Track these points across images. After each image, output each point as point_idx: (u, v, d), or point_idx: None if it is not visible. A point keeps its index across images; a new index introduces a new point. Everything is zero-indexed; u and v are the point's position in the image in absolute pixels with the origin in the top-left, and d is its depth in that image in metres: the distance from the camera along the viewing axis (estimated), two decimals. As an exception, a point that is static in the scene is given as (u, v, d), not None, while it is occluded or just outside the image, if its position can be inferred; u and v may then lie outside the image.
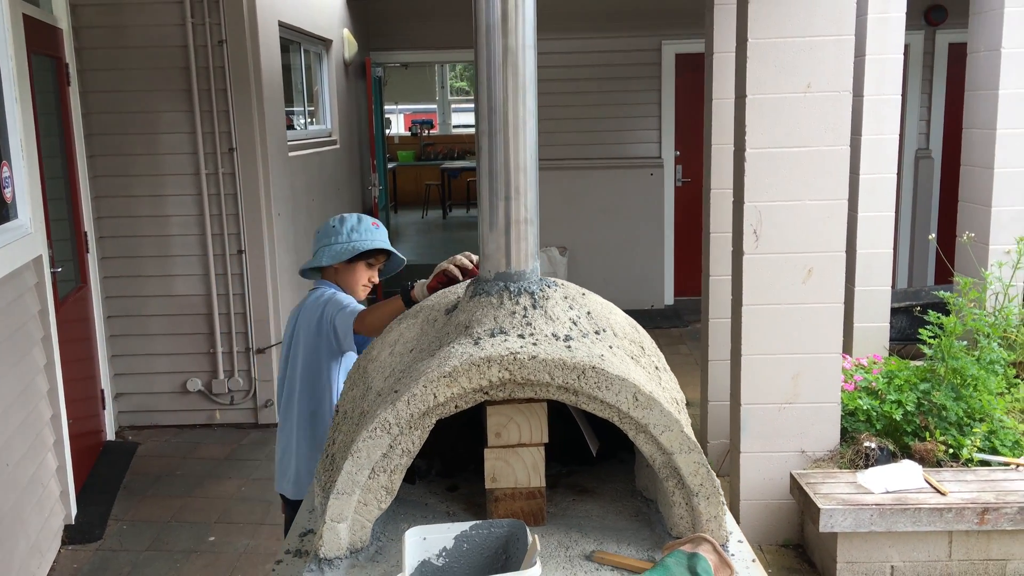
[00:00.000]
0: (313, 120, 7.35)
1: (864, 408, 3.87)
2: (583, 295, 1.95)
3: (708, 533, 1.67)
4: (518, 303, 1.76)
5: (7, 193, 3.80)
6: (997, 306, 4.34)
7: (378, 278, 2.89)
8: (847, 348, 4.71)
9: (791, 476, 3.76)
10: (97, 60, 5.18)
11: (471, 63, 2.91)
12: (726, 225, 4.27)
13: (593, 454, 1.97)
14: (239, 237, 5.39)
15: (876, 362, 4.25)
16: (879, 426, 3.85)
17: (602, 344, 1.77)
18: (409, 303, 2.34)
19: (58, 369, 4.16)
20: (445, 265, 2.33)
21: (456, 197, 15.06)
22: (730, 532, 1.74)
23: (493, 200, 1.81)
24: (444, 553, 1.63)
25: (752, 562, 1.71)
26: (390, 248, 2.84)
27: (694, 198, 8.04)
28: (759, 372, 3.76)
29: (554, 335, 1.71)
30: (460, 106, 19.26)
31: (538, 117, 1.83)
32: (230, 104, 5.24)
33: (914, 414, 3.81)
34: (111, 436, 5.39)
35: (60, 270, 4.49)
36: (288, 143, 5.96)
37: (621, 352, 1.80)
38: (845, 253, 3.71)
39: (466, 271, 2.30)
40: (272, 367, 5.54)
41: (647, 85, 8.08)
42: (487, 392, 1.63)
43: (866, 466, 3.66)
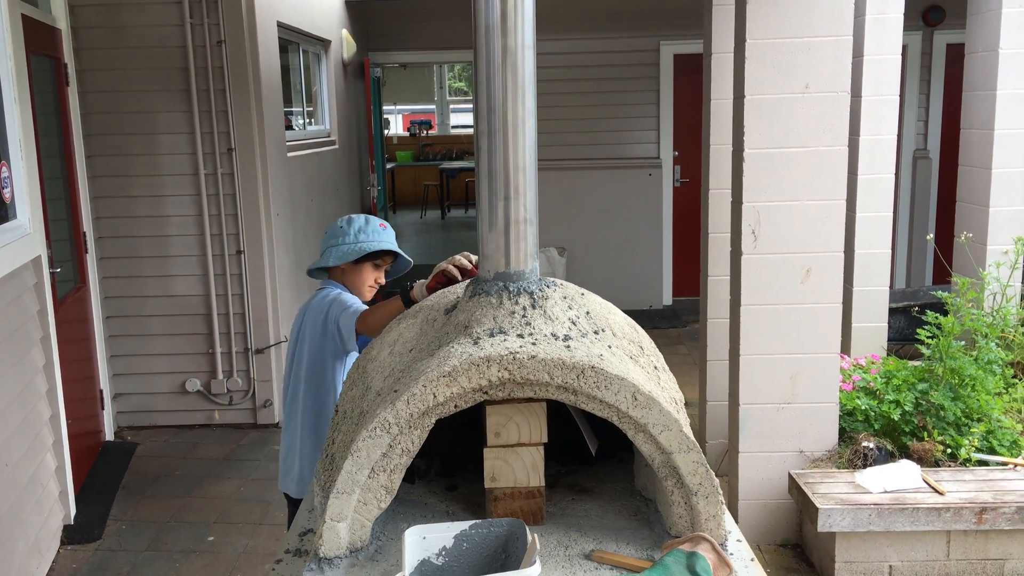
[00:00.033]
0: (312, 120, 7.35)
1: (862, 408, 3.87)
2: (582, 295, 1.96)
3: (707, 532, 1.67)
4: (517, 303, 1.77)
5: (6, 193, 3.80)
6: (995, 306, 4.35)
7: (385, 279, 2.90)
8: (845, 348, 4.71)
9: (789, 476, 3.76)
10: (96, 60, 5.18)
11: (470, 63, 2.92)
12: (724, 225, 4.28)
13: (592, 454, 1.97)
14: (238, 237, 5.39)
15: (874, 362, 4.26)
16: (877, 426, 3.86)
17: (601, 344, 1.77)
18: (408, 303, 2.35)
19: (57, 369, 4.16)
20: (444, 265, 2.34)
21: (454, 197, 15.07)
22: (729, 531, 1.75)
23: (492, 200, 1.81)
24: (444, 552, 1.63)
25: (751, 561, 1.71)
26: (397, 250, 2.85)
27: (693, 198, 8.05)
28: (757, 372, 3.77)
29: (553, 335, 1.72)
30: (458, 107, 19.27)
31: (537, 117, 1.83)
32: (229, 104, 5.24)
33: (912, 414, 3.82)
34: (110, 436, 5.39)
35: (59, 270, 4.49)
36: (287, 143, 5.96)
37: (620, 352, 1.81)
38: (843, 253, 3.72)
39: (465, 271, 2.31)
40: (271, 367, 5.55)
41: (646, 86, 8.09)
42: (486, 392, 1.64)
43: (864, 466, 3.67)
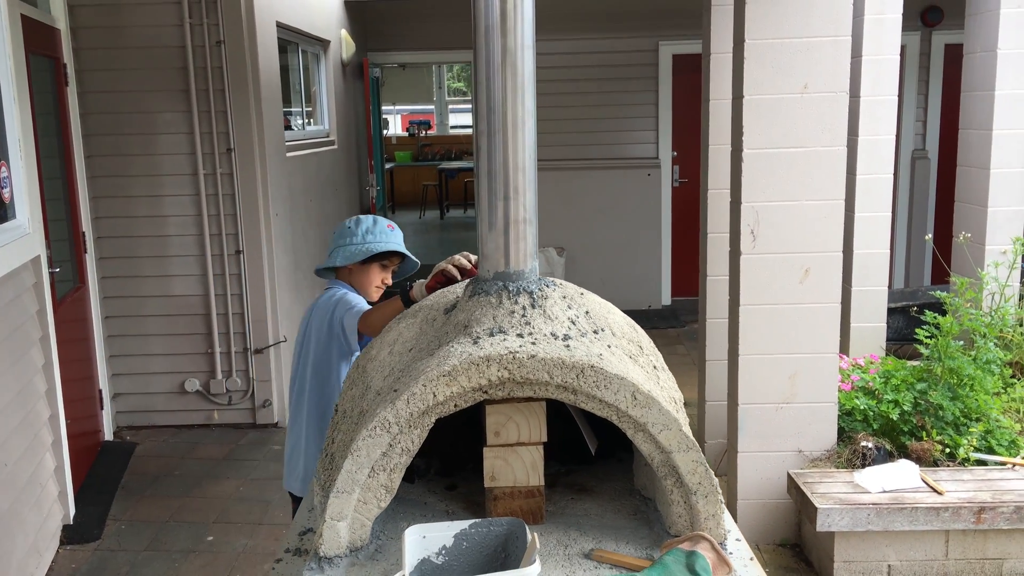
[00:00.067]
0: (311, 121, 7.35)
1: (861, 408, 3.88)
2: (581, 295, 1.96)
3: (706, 531, 1.67)
4: (517, 302, 1.77)
5: (5, 193, 3.80)
6: (993, 306, 4.36)
7: (392, 280, 2.90)
8: (844, 348, 4.71)
9: (788, 476, 3.76)
10: (95, 60, 5.18)
11: (468, 64, 2.92)
12: (723, 225, 4.28)
13: (592, 453, 1.97)
14: (237, 237, 5.39)
15: (873, 362, 4.26)
16: (876, 426, 3.86)
17: (600, 343, 1.78)
18: (408, 303, 2.35)
19: (56, 369, 4.16)
20: (444, 265, 2.34)
21: (453, 197, 15.07)
22: (728, 530, 1.75)
23: (492, 200, 1.81)
24: (443, 551, 1.63)
25: (750, 560, 1.71)
26: (404, 251, 2.86)
27: (691, 198, 8.05)
28: (756, 372, 3.77)
29: (553, 334, 1.72)
30: (457, 107, 19.28)
31: (536, 117, 1.83)
32: (228, 105, 5.24)
33: (911, 414, 3.82)
34: (109, 436, 5.39)
35: (58, 270, 4.49)
36: (286, 144, 5.96)
37: (619, 351, 1.81)
38: (842, 253, 3.72)
39: (464, 271, 2.32)
40: (270, 367, 5.55)
41: (644, 86, 8.09)
42: (486, 391, 1.64)
43: (863, 466, 3.67)
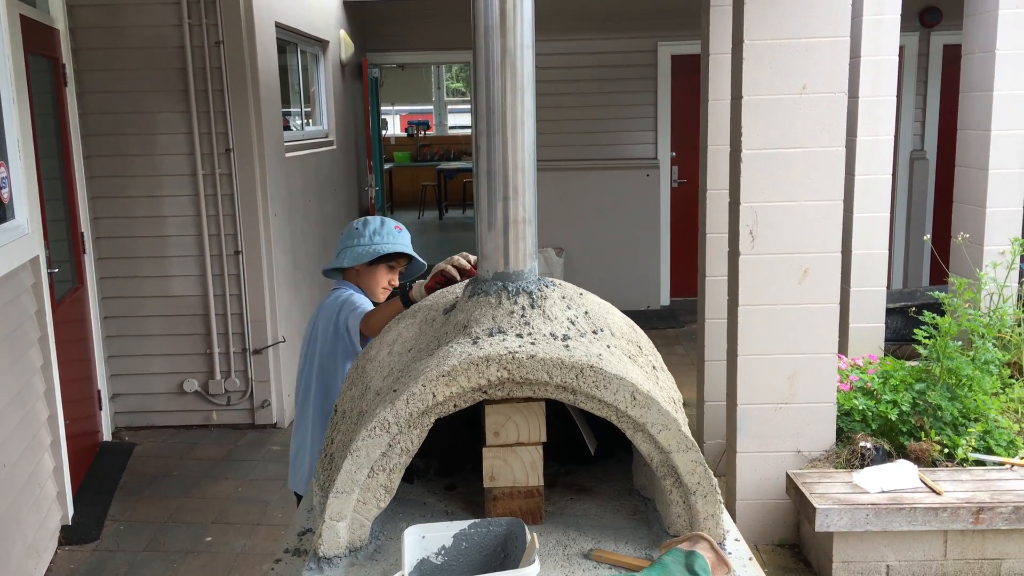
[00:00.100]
0: (310, 121, 7.35)
1: (860, 408, 3.88)
2: (581, 295, 1.96)
3: (705, 531, 1.68)
4: (516, 303, 1.77)
5: (4, 194, 3.80)
6: (992, 306, 4.37)
7: (399, 281, 2.91)
8: (843, 348, 4.71)
9: (787, 476, 3.77)
10: (94, 61, 5.18)
11: (467, 64, 2.92)
12: (722, 226, 4.28)
13: (591, 453, 1.97)
14: (236, 238, 5.39)
15: (871, 362, 4.27)
16: (875, 426, 3.87)
17: (600, 343, 1.78)
18: (407, 303, 2.35)
19: (55, 370, 4.16)
20: (443, 265, 2.34)
21: (452, 198, 15.07)
22: (727, 531, 1.75)
23: (491, 200, 1.81)
24: (443, 551, 1.63)
25: (749, 560, 1.71)
26: (411, 252, 2.86)
27: (690, 199, 8.06)
28: (755, 372, 3.77)
29: (552, 334, 1.72)
30: (456, 107, 19.28)
31: (535, 118, 1.83)
32: (227, 105, 5.24)
33: (909, 414, 3.83)
34: (108, 437, 5.38)
35: (57, 271, 4.48)
36: (285, 144, 5.96)
37: (619, 351, 1.81)
38: (840, 254, 3.72)
39: (464, 271, 2.32)
40: (269, 368, 5.55)
41: (643, 86, 8.10)
42: (486, 391, 1.64)
43: (862, 466, 3.68)
